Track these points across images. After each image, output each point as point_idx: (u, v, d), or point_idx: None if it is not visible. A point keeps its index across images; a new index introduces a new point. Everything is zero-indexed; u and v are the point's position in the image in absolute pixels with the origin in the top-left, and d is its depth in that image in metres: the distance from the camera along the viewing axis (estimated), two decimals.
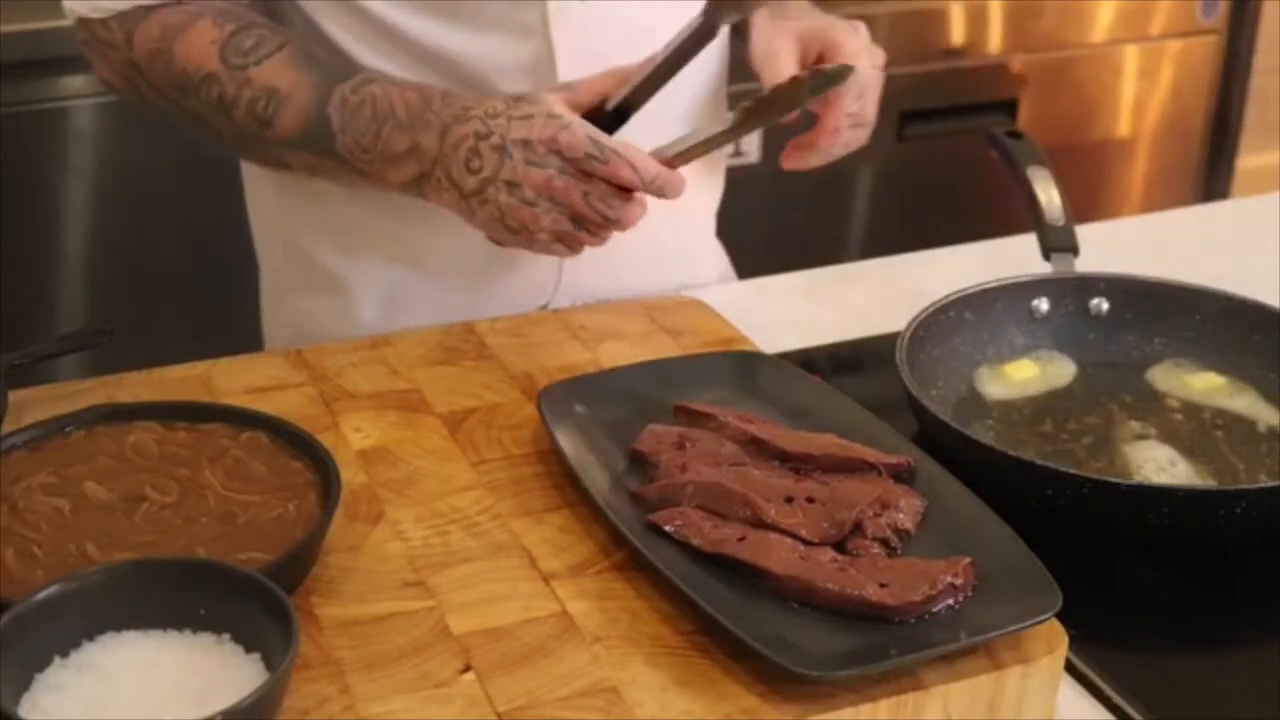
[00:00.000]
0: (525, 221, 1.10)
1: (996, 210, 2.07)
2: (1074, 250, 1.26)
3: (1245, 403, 1.17)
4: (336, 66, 1.16)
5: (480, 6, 1.18)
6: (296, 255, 1.33)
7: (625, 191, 1.10)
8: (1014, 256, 1.32)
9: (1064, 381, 1.20)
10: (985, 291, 1.21)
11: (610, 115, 1.16)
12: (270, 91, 1.14)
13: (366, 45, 1.20)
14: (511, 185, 1.09)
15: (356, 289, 1.30)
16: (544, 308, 1.28)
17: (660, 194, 1.11)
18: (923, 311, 1.17)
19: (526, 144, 1.09)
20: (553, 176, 1.09)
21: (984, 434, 1.11)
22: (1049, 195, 1.28)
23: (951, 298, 1.20)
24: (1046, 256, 1.26)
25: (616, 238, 1.14)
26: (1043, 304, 1.23)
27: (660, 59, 1.15)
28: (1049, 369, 1.21)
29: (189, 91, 1.16)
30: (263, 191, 1.35)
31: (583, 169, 1.09)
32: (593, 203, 1.09)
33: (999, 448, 1.04)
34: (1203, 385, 1.19)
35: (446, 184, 1.11)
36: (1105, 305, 1.23)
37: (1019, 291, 1.23)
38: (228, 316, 2.14)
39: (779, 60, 1.24)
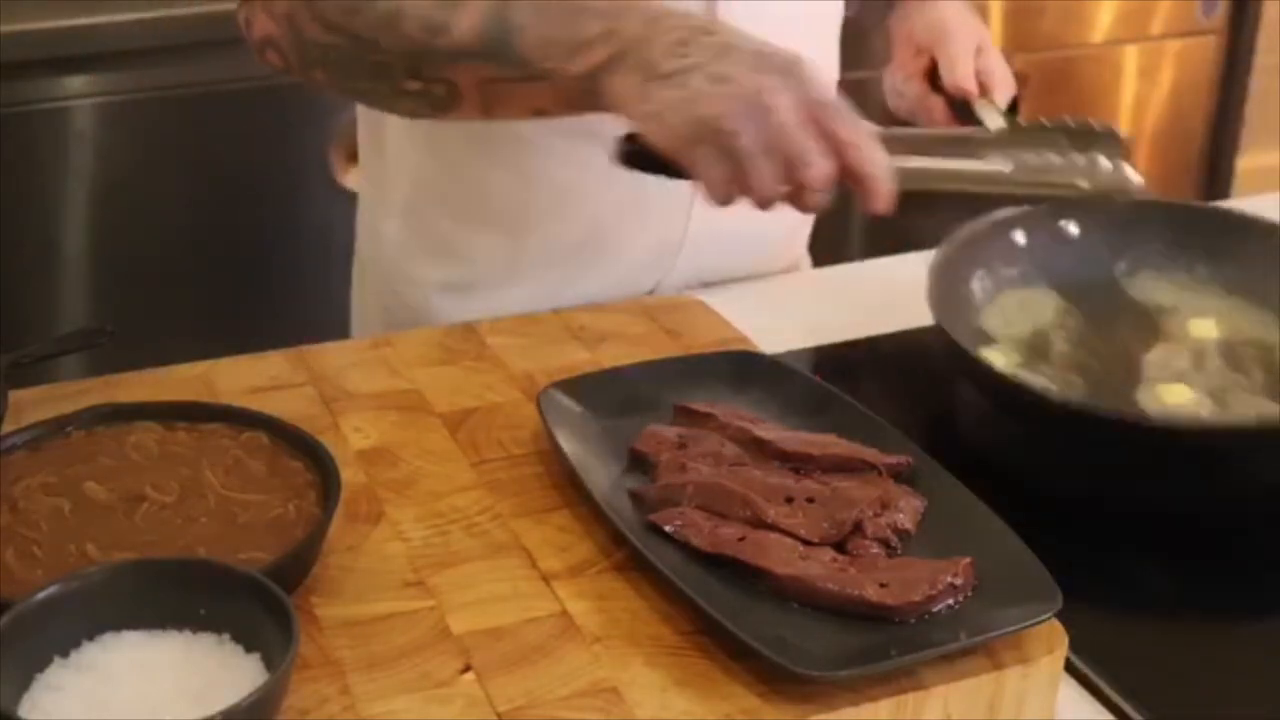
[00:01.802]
0: (716, 116, 0.97)
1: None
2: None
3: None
4: None
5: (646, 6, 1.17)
6: (416, 227, 1.33)
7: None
8: None
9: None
10: (975, 233, 1.22)
11: None
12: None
13: None
14: (721, 78, 0.98)
15: (473, 263, 1.31)
16: (652, 291, 1.29)
17: (866, 186, 1.00)
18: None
19: (760, 54, 0.99)
20: (774, 89, 0.97)
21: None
22: (992, 118, 1.26)
23: (956, 242, 1.20)
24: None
25: (724, 223, 1.09)
26: (1019, 236, 1.24)
27: (964, 145, 1.08)
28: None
29: (355, 12, 1.10)
30: (391, 162, 1.34)
31: (814, 112, 0.98)
32: (794, 133, 0.97)
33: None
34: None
35: (634, 66, 1.00)
36: (1074, 228, 1.24)
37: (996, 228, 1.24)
38: (228, 316, 2.15)
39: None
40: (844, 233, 2.45)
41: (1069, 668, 0.90)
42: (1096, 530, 1.02)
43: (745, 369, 1.11)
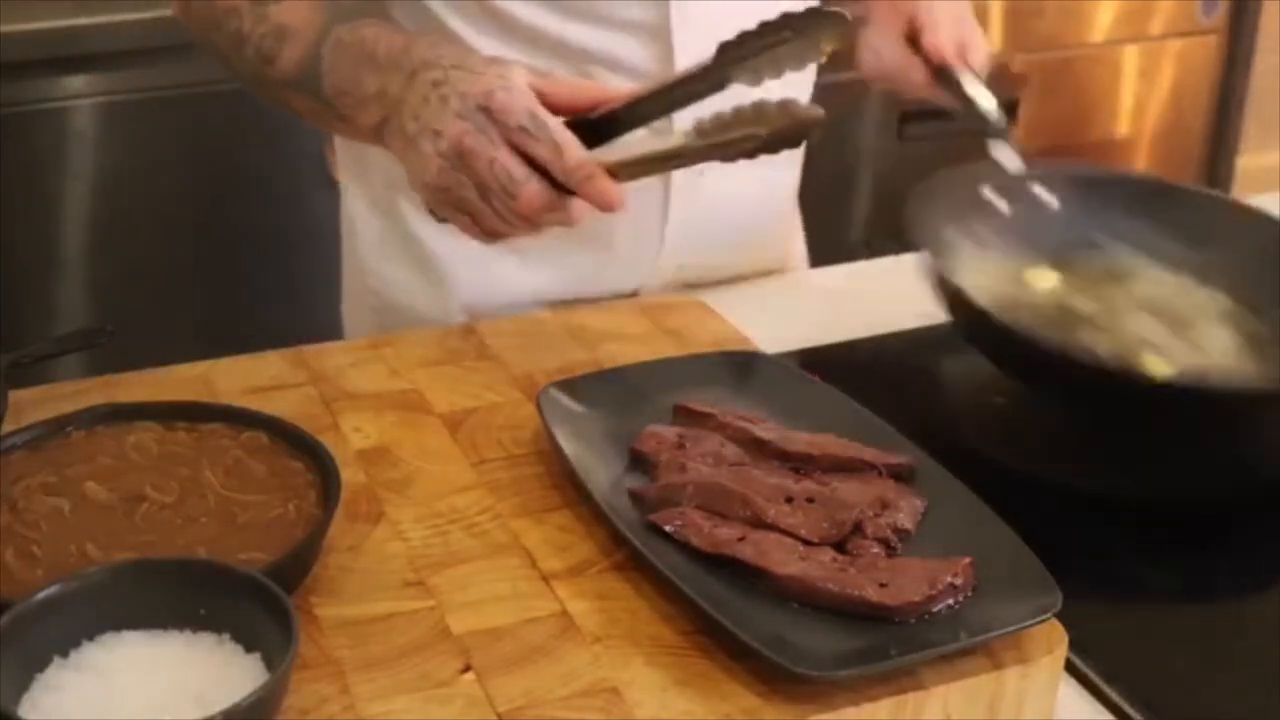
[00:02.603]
0: (436, 177, 1.03)
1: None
2: (1006, 134, 1.26)
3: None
4: (347, 10, 1.13)
5: (606, 5, 1.19)
6: (395, 227, 1.34)
7: (555, 187, 1.02)
8: None
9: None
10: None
11: (588, 126, 1.05)
12: (280, 29, 1.13)
13: (487, 38, 1.20)
14: (436, 134, 1.03)
15: (449, 262, 1.31)
16: (635, 293, 1.29)
17: (583, 192, 1.01)
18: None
19: (464, 96, 1.02)
20: (469, 132, 1.01)
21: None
22: (972, 84, 1.26)
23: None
24: (985, 142, 1.26)
25: (702, 217, 1.10)
26: (1003, 205, 1.24)
27: (659, 87, 1.07)
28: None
29: (215, 25, 1.16)
30: (366, 159, 1.35)
31: (509, 138, 1.01)
32: (495, 171, 1.01)
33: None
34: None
35: (396, 130, 1.07)
36: (1055, 201, 1.24)
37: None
38: (228, 316, 2.15)
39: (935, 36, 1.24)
40: (844, 233, 2.46)
41: (1069, 668, 0.90)
42: (1096, 530, 1.02)
43: (745, 369, 1.11)
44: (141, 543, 0.88)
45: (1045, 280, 1.21)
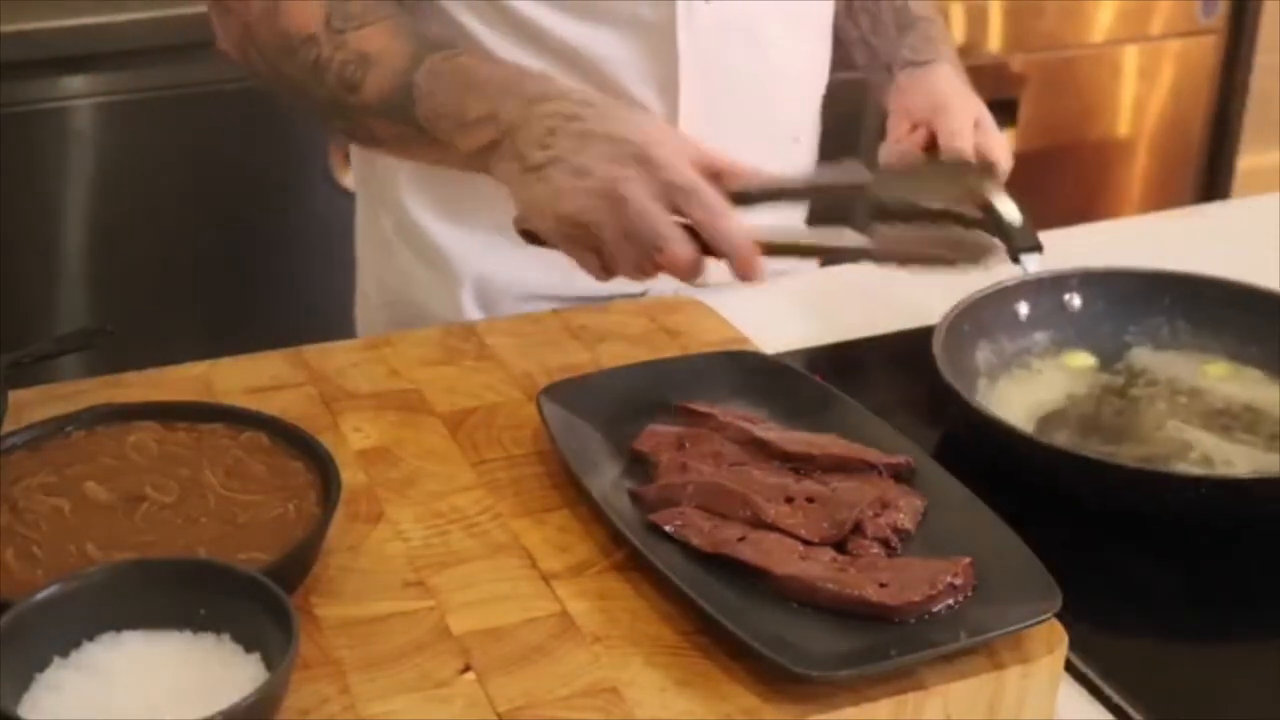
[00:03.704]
0: (576, 212, 1.04)
1: None
2: (1038, 249, 1.25)
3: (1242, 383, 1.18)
4: (434, 40, 1.15)
5: (611, 5, 1.20)
6: (406, 226, 1.35)
7: (694, 240, 1.04)
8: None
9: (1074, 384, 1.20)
10: (975, 302, 1.20)
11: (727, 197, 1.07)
12: (362, 56, 1.14)
13: (499, 37, 1.21)
14: (580, 171, 1.03)
15: (458, 262, 1.32)
16: (645, 291, 1.29)
17: (736, 259, 1.03)
18: (943, 320, 1.16)
19: (615, 140, 1.03)
20: (627, 179, 1.02)
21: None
22: (1002, 200, 1.27)
23: (958, 309, 1.18)
24: (1014, 259, 1.25)
25: None
26: (1023, 307, 1.23)
27: (802, 184, 1.09)
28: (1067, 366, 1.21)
29: (288, 53, 1.16)
30: (379, 160, 1.36)
31: (668, 194, 1.03)
32: (647, 222, 1.02)
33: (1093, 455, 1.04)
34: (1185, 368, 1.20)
35: (510, 155, 1.07)
36: (1077, 300, 1.23)
37: (1003, 297, 1.22)
38: (228, 316, 2.15)
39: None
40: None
41: (1069, 668, 0.90)
42: (1096, 530, 1.02)
43: (745, 369, 1.11)
44: (141, 543, 0.88)
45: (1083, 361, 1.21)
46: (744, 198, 1.08)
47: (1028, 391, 1.18)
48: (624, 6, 1.20)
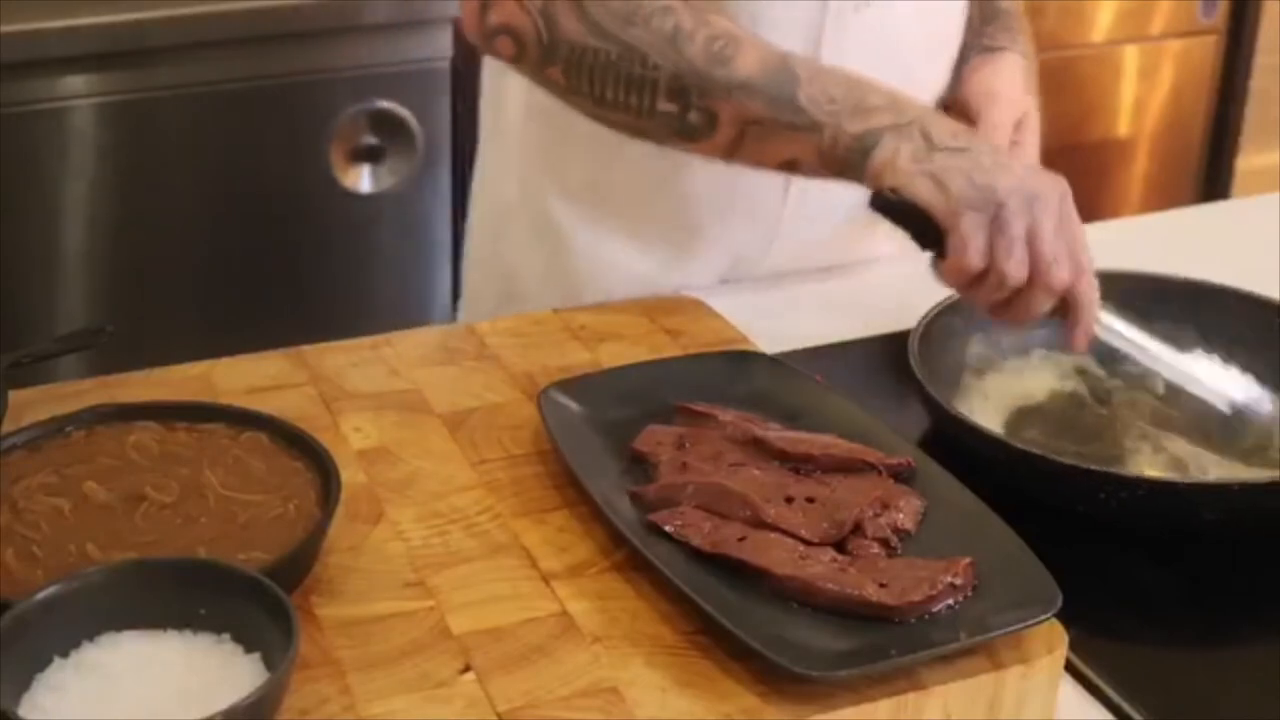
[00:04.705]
0: (997, 185, 1.06)
1: None
2: None
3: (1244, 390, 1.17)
4: None
5: (758, 6, 1.20)
6: (531, 205, 1.37)
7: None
8: None
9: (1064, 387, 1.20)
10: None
11: None
12: (729, 34, 1.13)
13: None
14: (1000, 165, 1.07)
15: (587, 250, 1.35)
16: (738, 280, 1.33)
17: (1080, 314, 1.08)
18: (924, 318, 1.16)
19: (1034, 168, 1.08)
20: (1047, 191, 1.06)
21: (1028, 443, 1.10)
22: None
23: (942, 305, 1.19)
24: None
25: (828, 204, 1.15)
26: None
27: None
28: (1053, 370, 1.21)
29: (638, 21, 1.13)
30: (517, 130, 1.37)
31: (1065, 225, 1.06)
32: (1055, 238, 1.06)
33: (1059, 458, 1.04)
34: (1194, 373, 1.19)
35: (917, 135, 1.08)
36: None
37: None
38: (228, 316, 2.15)
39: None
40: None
41: (1069, 668, 0.90)
42: (1096, 530, 1.02)
43: (745, 369, 1.11)
44: (141, 543, 0.88)
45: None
46: None
47: (1014, 385, 1.18)
48: (771, 7, 1.20)
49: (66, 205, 2.03)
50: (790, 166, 1.15)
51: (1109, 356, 1.18)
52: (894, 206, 1.09)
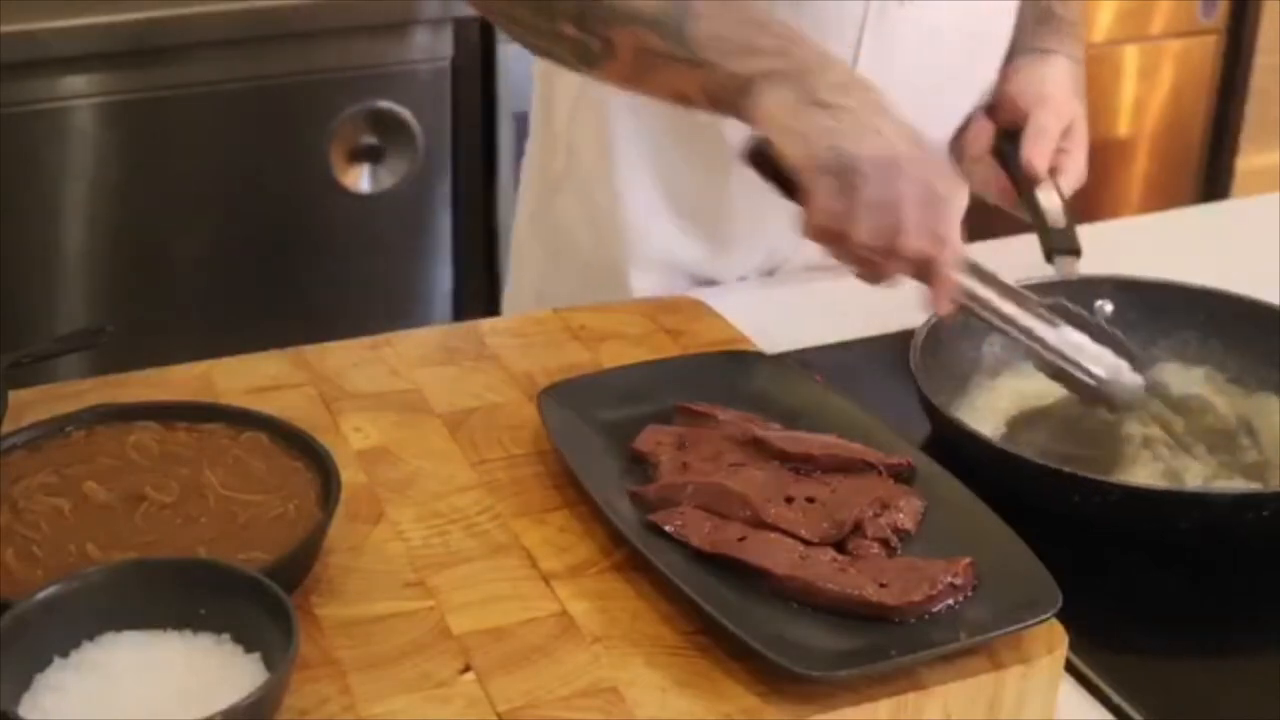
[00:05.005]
0: (856, 153, 1.02)
1: (997, 210, 2.07)
2: (1077, 252, 1.25)
3: (1252, 402, 1.17)
4: None
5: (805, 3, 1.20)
6: (575, 169, 1.39)
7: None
8: (1015, 258, 1.32)
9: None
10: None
11: None
12: None
13: None
14: (871, 128, 1.03)
15: (619, 215, 1.37)
16: (772, 271, 1.35)
17: (936, 284, 1.06)
18: (927, 321, 1.16)
19: (913, 131, 1.04)
20: (916, 159, 1.03)
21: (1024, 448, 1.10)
22: (1049, 198, 1.28)
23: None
24: (1049, 259, 1.25)
25: None
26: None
27: (1022, 300, 1.11)
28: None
29: None
30: (571, 102, 1.39)
31: (931, 194, 1.04)
32: (913, 207, 1.03)
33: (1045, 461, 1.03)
34: (1207, 385, 1.19)
35: (794, 86, 1.05)
36: (1109, 307, 1.22)
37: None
38: (228, 316, 2.15)
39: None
40: None
41: (1069, 668, 0.90)
42: (1096, 531, 1.02)
43: (745, 369, 1.11)
44: (141, 543, 0.88)
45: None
46: None
47: (1026, 387, 1.18)
48: (813, 5, 1.20)
49: (66, 205, 2.03)
50: (683, 100, 1.13)
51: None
52: (761, 161, 1.09)
